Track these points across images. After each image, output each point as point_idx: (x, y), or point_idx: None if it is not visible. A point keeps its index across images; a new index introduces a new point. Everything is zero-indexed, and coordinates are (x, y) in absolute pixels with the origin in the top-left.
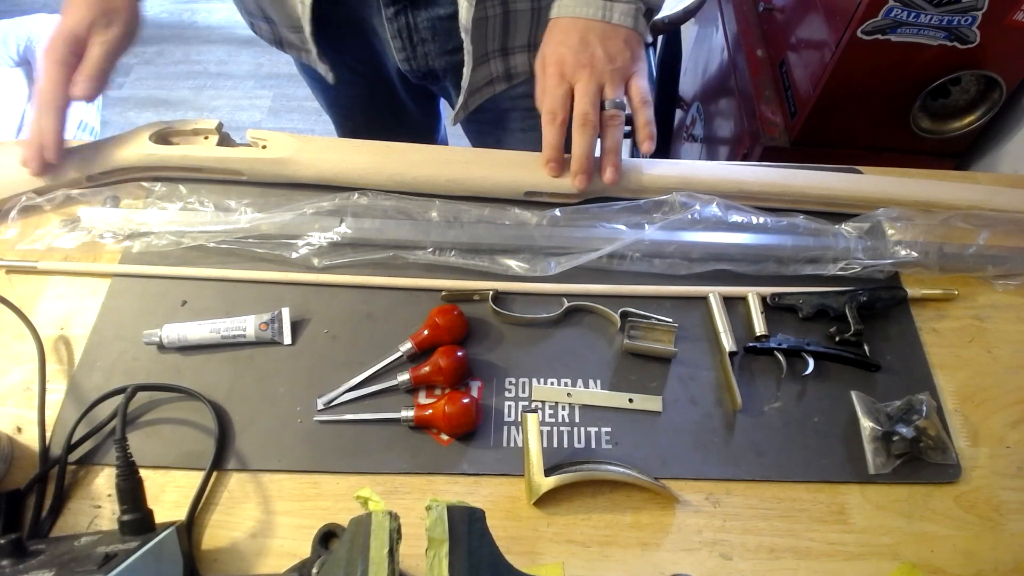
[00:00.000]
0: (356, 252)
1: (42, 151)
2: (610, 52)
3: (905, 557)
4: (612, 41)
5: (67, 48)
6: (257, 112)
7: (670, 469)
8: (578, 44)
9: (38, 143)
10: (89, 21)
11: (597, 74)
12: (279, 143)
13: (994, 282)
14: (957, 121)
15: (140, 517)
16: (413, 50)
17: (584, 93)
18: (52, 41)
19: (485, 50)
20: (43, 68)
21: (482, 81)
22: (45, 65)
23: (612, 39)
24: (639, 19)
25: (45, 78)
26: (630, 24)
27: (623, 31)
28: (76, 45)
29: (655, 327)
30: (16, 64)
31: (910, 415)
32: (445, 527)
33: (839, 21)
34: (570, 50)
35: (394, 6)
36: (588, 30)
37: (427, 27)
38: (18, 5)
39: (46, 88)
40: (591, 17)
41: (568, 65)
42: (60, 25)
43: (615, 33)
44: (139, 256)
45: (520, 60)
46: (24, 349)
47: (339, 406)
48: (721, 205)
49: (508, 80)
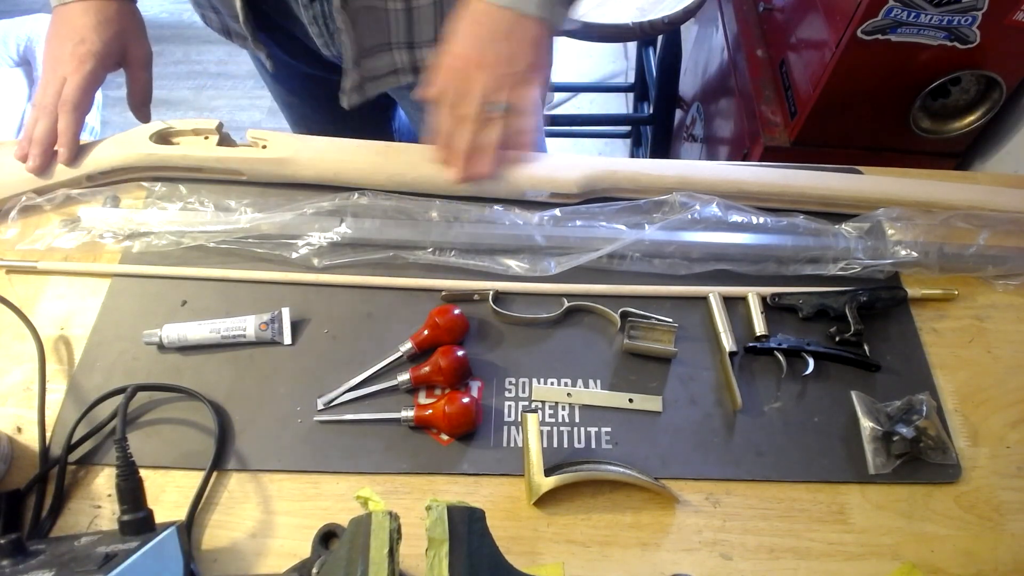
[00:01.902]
0: (356, 252)
1: (49, 149)
2: (511, 55)
3: (905, 557)
4: (517, 42)
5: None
6: (257, 112)
7: (670, 469)
8: (483, 41)
9: (48, 142)
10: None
11: (492, 77)
12: (279, 143)
13: (994, 282)
14: (957, 121)
15: (140, 517)
16: (331, 37)
17: (477, 95)
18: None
19: (388, 40)
20: (68, 70)
21: (384, 70)
22: (72, 68)
23: (518, 40)
24: (555, 8)
25: (72, 82)
26: (545, 15)
27: (534, 26)
28: (108, 60)
29: (655, 327)
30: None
31: (910, 415)
32: (445, 527)
33: (839, 21)
34: (472, 48)
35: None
36: (497, 24)
37: None
38: (18, 5)
39: (71, 95)
40: (504, 5)
41: (466, 60)
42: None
43: (524, 30)
44: (139, 256)
45: (428, 53)
46: (24, 349)
47: (339, 406)
48: (721, 205)
49: (415, 73)
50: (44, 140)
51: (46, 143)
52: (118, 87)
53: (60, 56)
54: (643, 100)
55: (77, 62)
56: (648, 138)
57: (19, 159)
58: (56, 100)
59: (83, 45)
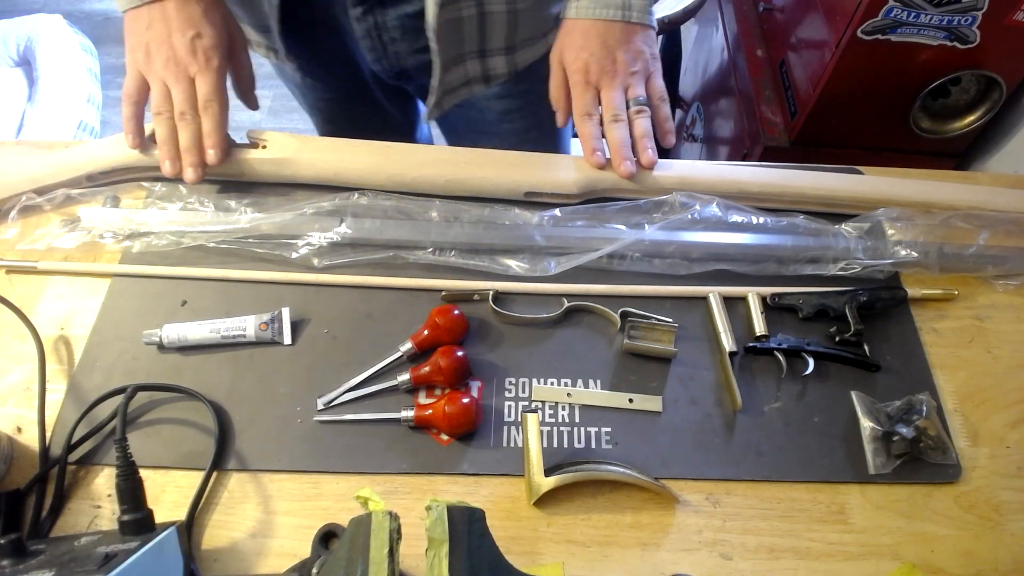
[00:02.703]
0: (356, 252)
1: (203, 155)
2: (631, 55)
3: (905, 557)
4: (632, 43)
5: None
6: (257, 112)
7: (670, 469)
8: (600, 50)
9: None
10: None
11: (621, 78)
12: (279, 143)
13: (994, 282)
14: (957, 121)
15: (140, 517)
16: (383, 49)
17: (611, 98)
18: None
19: (461, 51)
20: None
21: (458, 82)
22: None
23: (631, 41)
24: (651, 13)
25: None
26: (647, 20)
27: (640, 30)
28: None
29: (655, 327)
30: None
31: (910, 415)
32: (445, 527)
33: (839, 21)
34: (593, 57)
35: (361, 6)
36: (608, 34)
37: (396, 26)
38: (18, 5)
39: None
40: (610, 19)
41: (593, 73)
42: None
43: (633, 34)
44: (139, 256)
45: (499, 62)
46: (24, 349)
47: (339, 406)
48: (721, 205)
49: (486, 82)
50: (195, 148)
51: (198, 151)
52: (118, 87)
53: (177, 54)
54: None
55: (203, 59)
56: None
57: (169, 175)
58: (194, 103)
59: (201, 39)
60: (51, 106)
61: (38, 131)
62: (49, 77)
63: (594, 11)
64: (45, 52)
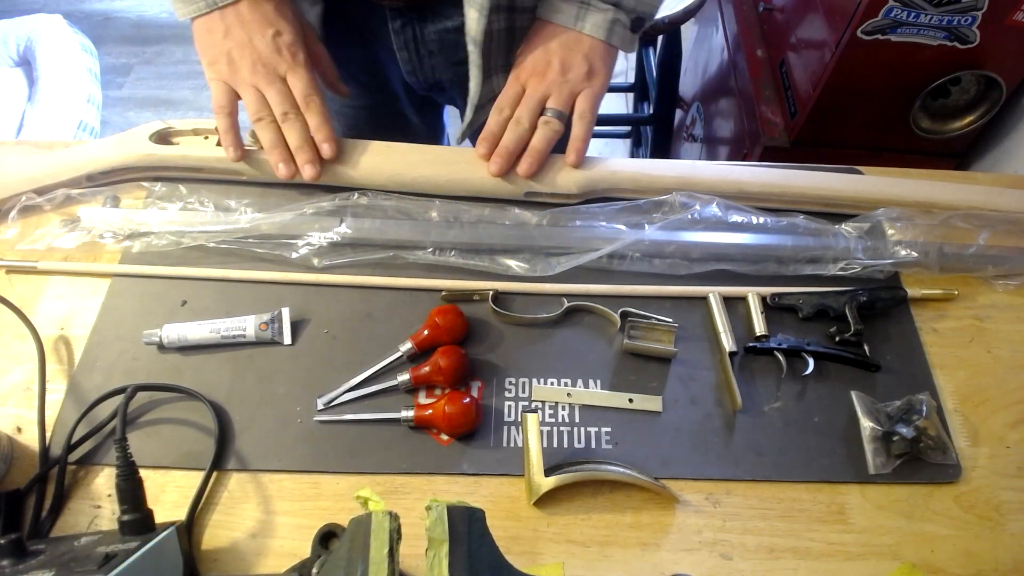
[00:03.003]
0: (356, 252)
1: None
2: (565, 64)
3: (905, 557)
4: (572, 53)
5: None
6: None
7: (670, 469)
8: (540, 52)
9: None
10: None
11: (545, 84)
12: None
13: (994, 282)
14: (957, 121)
15: (140, 517)
16: (420, 62)
17: (527, 99)
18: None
19: (489, 65)
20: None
21: (485, 97)
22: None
23: (573, 51)
24: (615, 30)
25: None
26: (601, 36)
27: (588, 43)
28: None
29: (655, 327)
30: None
31: (910, 415)
32: (445, 527)
33: (839, 21)
34: (531, 57)
35: (401, 18)
36: (553, 38)
37: (435, 40)
38: (18, 5)
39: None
40: (561, 24)
41: (525, 70)
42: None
43: (578, 45)
44: (139, 256)
45: None
46: (24, 349)
47: (339, 406)
48: (721, 205)
49: None
50: (307, 145)
51: (311, 146)
52: (118, 87)
53: (263, 56)
54: (643, 100)
55: (289, 56)
56: (648, 138)
57: (286, 178)
58: (292, 102)
59: (281, 36)
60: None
61: (38, 131)
62: (49, 77)
63: (551, 13)
64: (45, 52)
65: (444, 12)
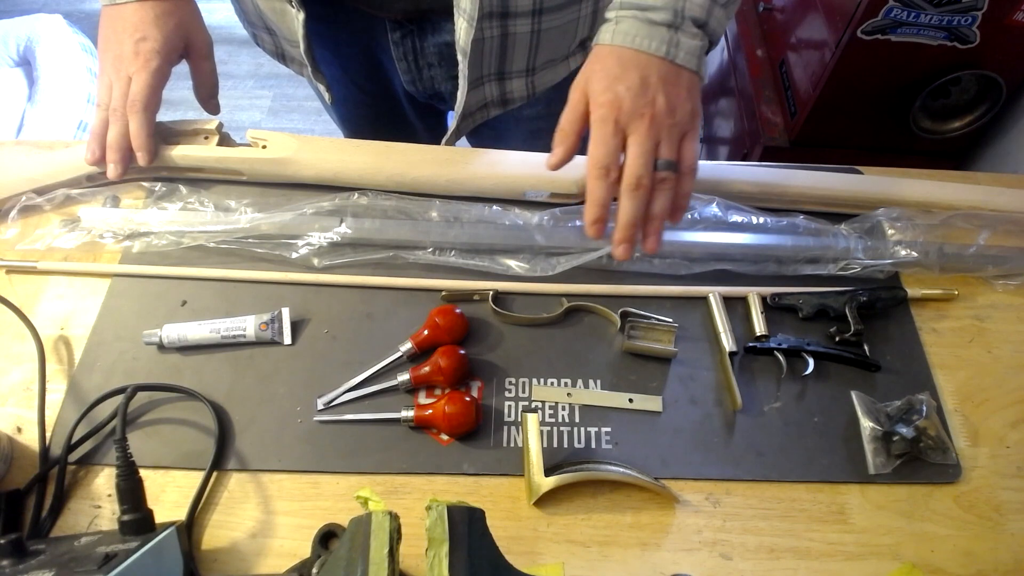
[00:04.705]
0: (356, 252)
1: (127, 153)
2: (672, 102)
3: (905, 557)
4: (675, 88)
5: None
6: (257, 112)
7: (670, 469)
8: (638, 86)
9: (125, 146)
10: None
11: (656, 128)
12: (279, 143)
13: (994, 282)
14: (957, 121)
15: (140, 517)
16: (419, 73)
17: (640, 152)
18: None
19: (480, 73)
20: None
21: (476, 105)
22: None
23: (675, 85)
24: (703, 59)
25: (139, 81)
26: (694, 66)
27: (686, 75)
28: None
29: (655, 327)
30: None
31: (910, 415)
32: (445, 527)
33: (839, 21)
34: (628, 91)
35: (400, 30)
36: (650, 69)
37: (434, 52)
38: (18, 5)
39: (138, 94)
40: (654, 52)
41: (625, 111)
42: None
43: (678, 78)
44: (139, 256)
45: (517, 85)
46: (24, 349)
47: (339, 406)
48: (721, 205)
49: (503, 105)
50: (120, 144)
51: (123, 147)
52: None
53: (121, 54)
54: None
55: (142, 60)
56: None
57: (92, 164)
58: (124, 102)
59: (145, 42)
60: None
61: (38, 131)
62: (49, 77)
63: (635, 39)
64: (45, 52)
65: (443, 26)
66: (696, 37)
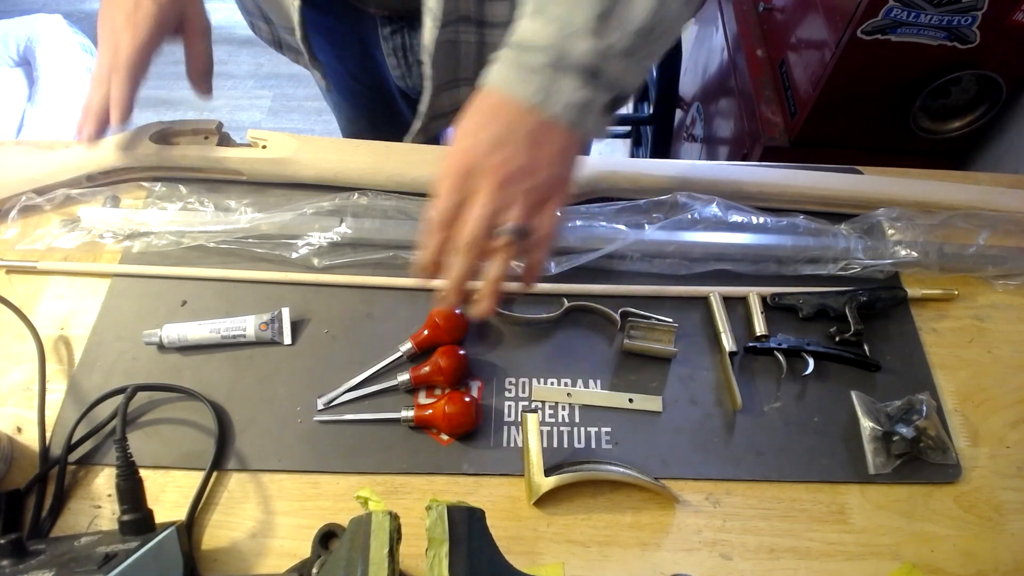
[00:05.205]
0: (356, 252)
1: (102, 117)
2: (534, 162)
3: (905, 557)
4: (542, 147)
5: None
6: (257, 112)
7: (670, 469)
8: (498, 138)
9: (101, 110)
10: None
11: (506, 189)
12: (279, 143)
13: (994, 282)
14: (957, 121)
15: (140, 517)
16: (408, 69)
17: (480, 214)
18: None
19: (456, 76)
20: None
21: (449, 107)
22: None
23: (543, 143)
24: (589, 114)
25: (125, 46)
26: (574, 118)
27: (562, 132)
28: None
29: (655, 327)
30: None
31: (910, 415)
32: (445, 527)
33: (839, 21)
34: (484, 143)
35: (390, 26)
36: (517, 121)
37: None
38: (18, 5)
39: (126, 55)
40: (525, 99)
41: (474, 165)
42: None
43: (550, 134)
44: (139, 256)
45: None
46: (24, 349)
47: (339, 406)
48: (721, 205)
49: None
50: (95, 109)
51: (99, 111)
52: None
53: (115, 25)
54: (643, 100)
55: (132, 28)
56: (648, 138)
57: (77, 136)
58: (110, 69)
59: (138, 11)
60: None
61: (38, 131)
62: (49, 77)
63: (508, 83)
64: (45, 52)
65: None
66: (584, 88)
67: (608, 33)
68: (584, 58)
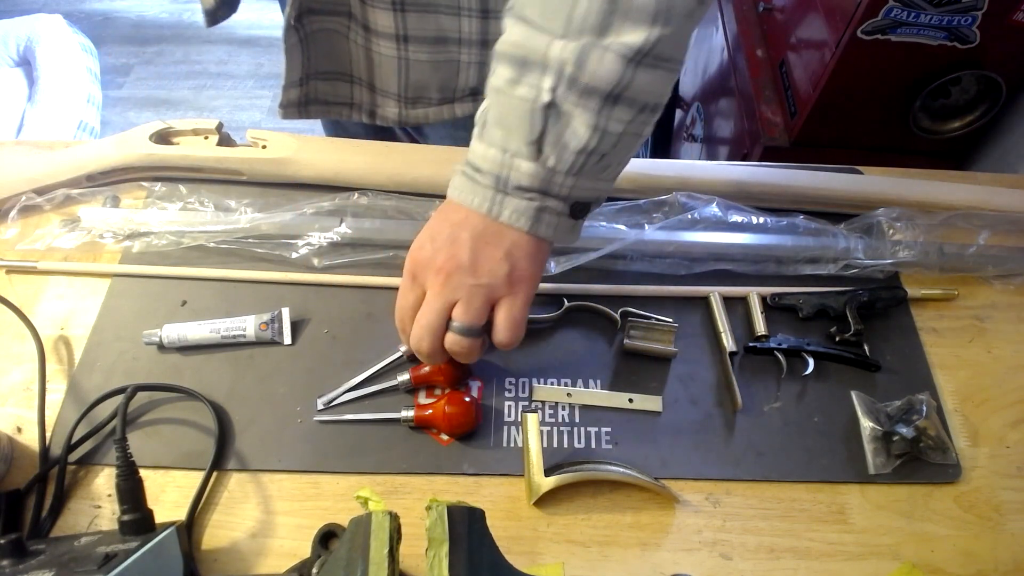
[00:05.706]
0: (356, 252)
1: None
2: (479, 261)
3: (905, 557)
4: (490, 247)
5: None
6: (257, 112)
7: (670, 469)
8: (446, 238)
9: None
10: None
11: (451, 286)
12: (279, 143)
13: (994, 282)
14: (957, 121)
15: (140, 517)
16: None
17: (427, 309)
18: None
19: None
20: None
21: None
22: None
23: (491, 244)
24: (541, 220)
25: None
26: (524, 226)
27: (512, 236)
28: None
29: (655, 327)
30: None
31: (910, 415)
32: (445, 527)
33: (839, 21)
34: (435, 243)
35: None
36: (467, 224)
37: None
38: (18, 5)
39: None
40: (475, 208)
41: (422, 263)
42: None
43: (499, 237)
44: (139, 256)
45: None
46: (24, 349)
47: (339, 406)
48: (721, 205)
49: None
50: None
51: None
52: (117, 87)
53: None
54: None
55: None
56: (648, 138)
57: None
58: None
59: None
60: (51, 106)
61: (38, 131)
62: (49, 77)
63: (461, 194)
64: (45, 52)
65: None
66: (535, 200)
67: (546, 156)
68: (526, 180)
